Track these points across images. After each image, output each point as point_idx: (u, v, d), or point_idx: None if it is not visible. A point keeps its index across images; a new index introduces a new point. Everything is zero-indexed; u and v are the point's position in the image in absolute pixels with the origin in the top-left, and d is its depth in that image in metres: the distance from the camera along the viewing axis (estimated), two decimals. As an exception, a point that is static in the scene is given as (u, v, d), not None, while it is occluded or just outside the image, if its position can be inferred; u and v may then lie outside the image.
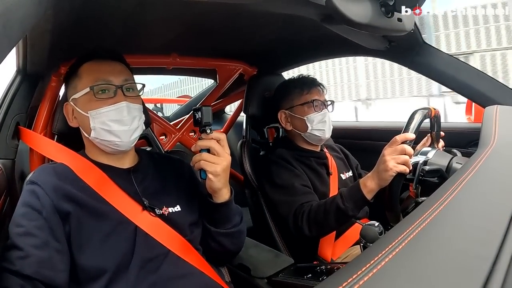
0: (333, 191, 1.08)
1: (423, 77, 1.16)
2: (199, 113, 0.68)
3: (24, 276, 0.56)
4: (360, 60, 6.13)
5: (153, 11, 0.79)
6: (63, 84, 0.90)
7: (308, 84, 1.12)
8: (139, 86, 0.77)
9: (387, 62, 5.47)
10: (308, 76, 1.17)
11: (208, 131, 0.69)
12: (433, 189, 0.56)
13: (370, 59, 5.77)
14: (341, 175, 1.16)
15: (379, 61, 5.77)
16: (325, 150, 1.19)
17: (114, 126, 0.70)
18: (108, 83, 0.71)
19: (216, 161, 0.68)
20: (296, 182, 1.02)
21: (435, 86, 5.30)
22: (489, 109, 0.91)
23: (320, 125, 1.08)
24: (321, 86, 1.14)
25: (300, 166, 1.08)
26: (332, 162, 1.15)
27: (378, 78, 6.07)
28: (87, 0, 0.65)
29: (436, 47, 1.08)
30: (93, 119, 0.70)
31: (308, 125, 1.08)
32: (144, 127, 0.77)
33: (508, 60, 4.63)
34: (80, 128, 0.75)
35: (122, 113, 0.70)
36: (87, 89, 0.70)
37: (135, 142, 0.74)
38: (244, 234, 0.81)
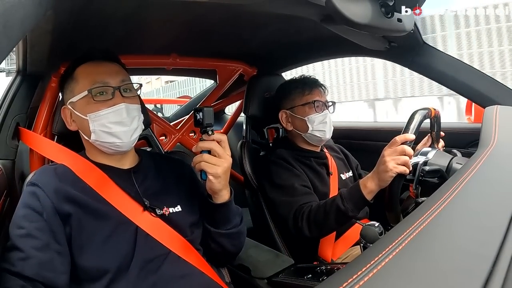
0: (333, 191, 1.08)
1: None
2: (201, 113, 0.68)
3: (25, 278, 0.56)
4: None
5: (153, 12, 0.79)
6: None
7: (310, 84, 1.12)
8: (135, 86, 0.76)
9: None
10: (310, 76, 1.17)
11: (210, 132, 0.69)
12: (433, 189, 0.56)
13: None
14: (341, 175, 1.16)
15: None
16: (325, 150, 1.19)
17: (114, 128, 0.69)
18: (105, 85, 0.71)
19: (217, 162, 0.68)
20: (296, 182, 1.02)
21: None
22: (489, 109, 0.91)
23: (321, 126, 1.08)
24: (322, 87, 1.14)
25: (300, 166, 1.08)
26: (332, 162, 1.15)
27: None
28: (88, 1, 0.65)
29: (436, 48, 1.08)
30: (93, 121, 0.70)
31: (309, 125, 1.08)
32: (143, 127, 0.77)
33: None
34: (80, 131, 0.75)
35: (122, 115, 0.70)
36: (85, 92, 0.70)
37: (135, 142, 0.74)
38: (244, 235, 0.81)
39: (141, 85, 0.77)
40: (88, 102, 0.70)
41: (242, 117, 1.41)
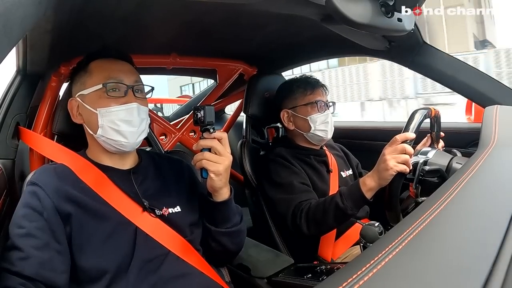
0: (333, 189, 1.08)
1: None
2: (201, 112, 0.68)
3: (24, 277, 0.56)
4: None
5: (152, 11, 0.79)
6: (66, 82, 0.90)
7: (312, 84, 1.12)
8: (146, 88, 0.76)
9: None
10: (311, 76, 1.17)
11: (211, 130, 0.69)
12: (433, 189, 0.56)
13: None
14: (341, 173, 1.16)
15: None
16: (325, 148, 1.19)
17: (123, 126, 0.70)
18: (120, 82, 0.71)
19: (218, 160, 0.68)
20: (294, 180, 1.02)
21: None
22: (489, 109, 0.91)
23: (323, 125, 1.09)
24: (324, 87, 1.14)
25: (299, 164, 1.08)
26: (332, 160, 1.15)
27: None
28: (87, 1, 0.65)
29: (436, 47, 1.07)
30: (102, 116, 0.70)
31: (311, 125, 1.09)
32: (149, 130, 0.77)
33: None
34: (85, 126, 0.74)
35: (132, 114, 0.70)
36: (99, 86, 0.70)
37: (139, 144, 0.74)
38: (244, 233, 0.81)
39: (152, 88, 0.77)
40: (100, 97, 0.70)
41: (242, 117, 1.41)
